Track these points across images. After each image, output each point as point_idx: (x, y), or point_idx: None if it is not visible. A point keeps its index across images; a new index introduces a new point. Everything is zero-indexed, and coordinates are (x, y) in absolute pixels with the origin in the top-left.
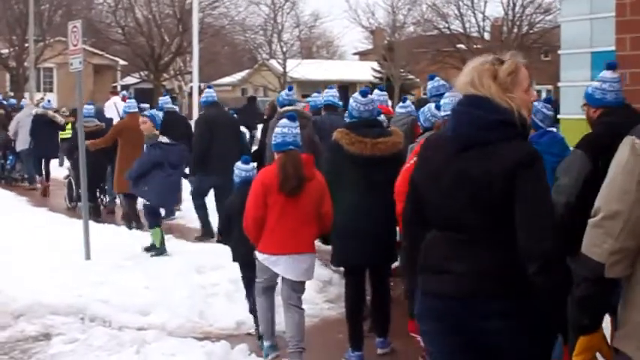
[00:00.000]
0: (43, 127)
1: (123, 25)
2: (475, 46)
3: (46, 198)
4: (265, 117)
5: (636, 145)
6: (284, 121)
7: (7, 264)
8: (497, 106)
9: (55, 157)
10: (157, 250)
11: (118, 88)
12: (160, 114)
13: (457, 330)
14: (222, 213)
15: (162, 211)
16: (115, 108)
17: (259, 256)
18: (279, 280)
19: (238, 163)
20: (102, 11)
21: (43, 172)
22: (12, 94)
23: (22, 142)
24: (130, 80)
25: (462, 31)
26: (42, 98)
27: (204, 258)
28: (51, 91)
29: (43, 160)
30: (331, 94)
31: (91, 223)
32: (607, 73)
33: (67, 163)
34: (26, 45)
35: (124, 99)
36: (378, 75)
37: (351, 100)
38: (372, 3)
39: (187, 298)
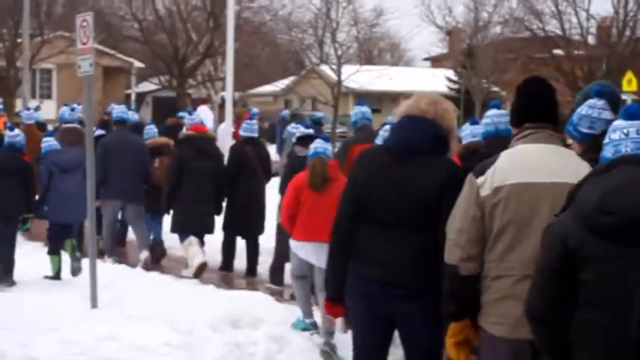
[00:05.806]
0: None
1: (140, 18)
2: (576, 52)
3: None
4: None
5: (472, 180)
6: (319, 140)
7: None
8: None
9: None
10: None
11: (132, 96)
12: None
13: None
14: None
15: None
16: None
17: (292, 243)
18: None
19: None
20: (114, 0)
21: None
22: (0, 100)
23: None
24: (146, 87)
25: (560, 33)
26: (38, 106)
27: (240, 308)
28: (49, 97)
29: None
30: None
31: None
32: (492, 111)
33: None
34: (19, 40)
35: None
36: (454, 86)
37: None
38: None
39: (220, 359)
